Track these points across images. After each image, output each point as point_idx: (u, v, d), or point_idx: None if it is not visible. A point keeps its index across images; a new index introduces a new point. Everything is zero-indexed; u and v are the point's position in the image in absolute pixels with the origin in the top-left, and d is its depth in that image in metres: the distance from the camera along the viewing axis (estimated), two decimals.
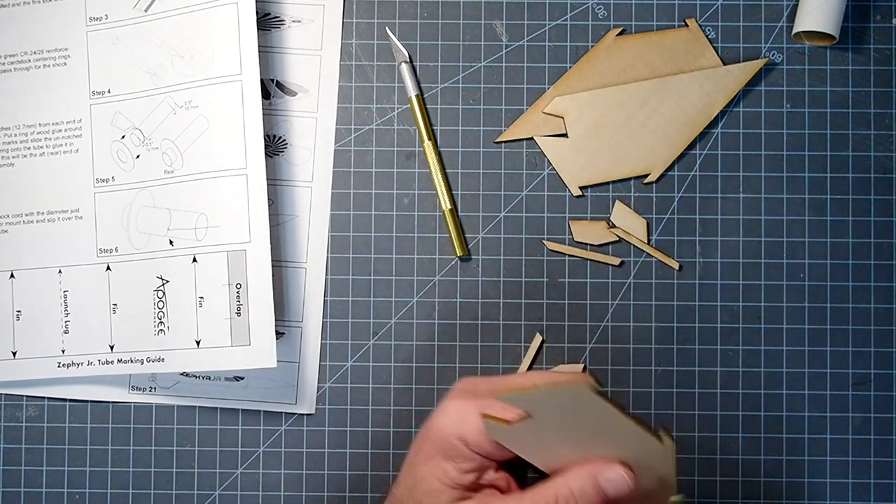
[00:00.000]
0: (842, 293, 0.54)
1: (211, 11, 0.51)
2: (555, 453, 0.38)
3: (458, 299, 0.54)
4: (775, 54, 0.54)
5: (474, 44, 0.54)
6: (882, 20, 0.54)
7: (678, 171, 0.54)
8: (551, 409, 0.37)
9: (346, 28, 0.55)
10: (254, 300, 0.50)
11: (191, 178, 0.51)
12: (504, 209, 0.54)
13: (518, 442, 0.38)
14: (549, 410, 0.37)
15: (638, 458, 0.38)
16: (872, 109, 0.54)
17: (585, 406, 0.36)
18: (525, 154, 0.54)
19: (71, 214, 0.53)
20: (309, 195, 0.54)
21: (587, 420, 0.37)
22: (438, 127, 0.54)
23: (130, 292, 0.52)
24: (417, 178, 0.54)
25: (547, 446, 0.38)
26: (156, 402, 0.54)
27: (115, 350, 0.52)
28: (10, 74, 0.54)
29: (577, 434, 0.38)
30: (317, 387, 0.54)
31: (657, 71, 0.54)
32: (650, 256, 0.54)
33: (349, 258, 0.54)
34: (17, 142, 0.54)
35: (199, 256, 0.51)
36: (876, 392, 0.53)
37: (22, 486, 0.54)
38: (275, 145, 0.54)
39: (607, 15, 0.54)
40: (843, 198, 0.54)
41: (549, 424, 0.37)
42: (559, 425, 0.37)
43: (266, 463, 0.54)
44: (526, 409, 0.37)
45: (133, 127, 0.52)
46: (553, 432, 0.38)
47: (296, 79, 0.54)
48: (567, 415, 0.37)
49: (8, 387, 0.54)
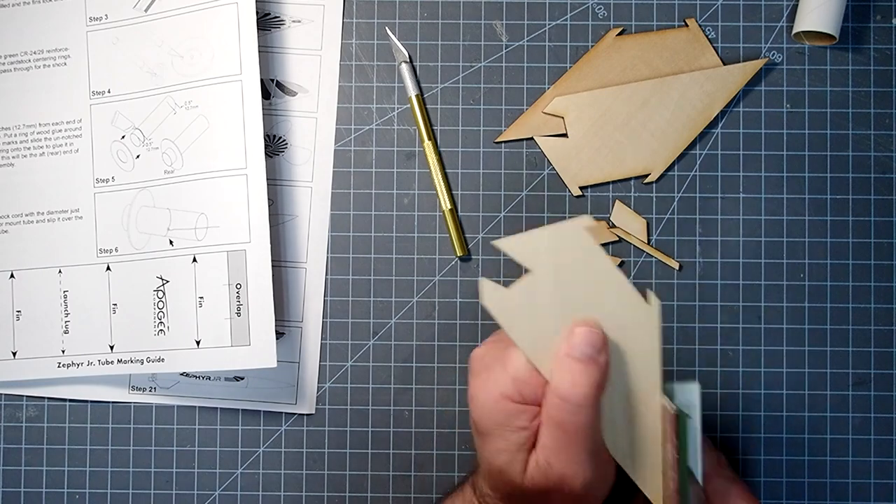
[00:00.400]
0: (842, 293, 0.54)
1: (211, 11, 0.51)
2: (546, 331, 0.38)
3: (458, 299, 0.54)
4: (775, 54, 0.54)
5: (474, 44, 0.54)
6: (882, 20, 0.54)
7: (678, 171, 0.54)
8: (549, 259, 0.37)
9: (346, 28, 0.55)
10: (254, 300, 0.50)
11: (191, 178, 0.51)
12: (504, 209, 0.54)
13: (514, 317, 0.38)
14: (546, 261, 0.37)
15: (623, 318, 0.38)
16: (872, 109, 0.54)
17: (580, 252, 0.37)
18: (525, 154, 0.54)
19: (71, 214, 0.53)
20: (309, 195, 0.54)
21: (579, 270, 0.37)
22: (438, 127, 0.54)
23: (130, 292, 0.52)
24: (417, 178, 0.54)
25: (539, 321, 0.38)
26: (156, 402, 0.54)
27: (115, 350, 0.52)
28: (10, 74, 0.54)
29: (569, 294, 0.38)
30: (317, 387, 0.54)
31: (657, 71, 0.54)
32: (650, 256, 0.54)
33: (349, 258, 0.54)
34: (17, 142, 0.54)
35: (199, 256, 0.51)
36: (876, 392, 0.53)
37: (22, 486, 0.54)
38: (275, 145, 0.54)
39: (607, 15, 0.54)
40: (843, 198, 0.54)
41: (545, 282, 0.37)
42: (554, 283, 0.37)
43: (266, 463, 0.54)
44: (525, 262, 0.37)
45: (133, 127, 0.52)
46: (548, 295, 0.38)
47: (296, 79, 0.54)
48: (562, 268, 0.37)
49: (8, 387, 0.54)
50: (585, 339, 0.37)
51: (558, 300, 0.38)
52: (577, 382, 0.37)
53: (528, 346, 0.38)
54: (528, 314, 0.38)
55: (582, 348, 0.37)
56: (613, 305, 0.38)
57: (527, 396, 0.38)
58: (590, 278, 0.37)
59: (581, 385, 0.37)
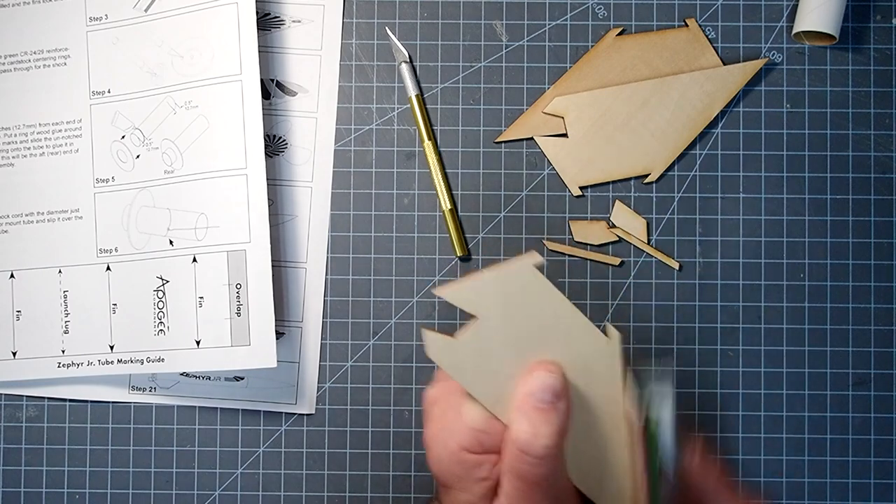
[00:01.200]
0: (842, 293, 0.54)
1: (211, 11, 0.51)
2: (501, 377, 0.36)
3: None
4: (775, 54, 0.54)
5: (474, 44, 0.54)
6: (882, 20, 0.54)
7: (678, 171, 0.54)
8: (497, 303, 0.35)
9: (346, 28, 0.55)
10: (254, 300, 0.50)
11: (191, 178, 0.51)
12: (504, 209, 0.54)
13: (465, 367, 0.36)
14: (494, 305, 0.35)
15: (582, 354, 0.36)
16: (872, 109, 0.54)
17: (531, 292, 0.35)
18: (525, 154, 0.54)
19: (71, 214, 0.53)
20: (309, 195, 0.54)
21: (532, 311, 0.35)
22: (438, 127, 0.54)
23: (130, 292, 0.52)
24: (417, 178, 0.54)
25: (492, 368, 0.36)
26: (156, 402, 0.54)
27: (115, 350, 0.52)
28: (10, 74, 0.54)
29: (523, 336, 0.36)
30: (317, 387, 0.54)
31: (657, 71, 0.54)
32: (650, 256, 0.54)
33: (349, 258, 0.54)
34: (17, 142, 0.54)
35: (199, 256, 0.51)
36: (876, 392, 0.53)
37: (22, 486, 0.54)
38: (275, 145, 0.54)
39: (607, 15, 0.54)
40: (843, 198, 0.54)
41: (495, 327, 0.35)
42: (504, 326, 0.35)
43: (266, 463, 0.54)
44: (471, 309, 0.35)
45: (133, 127, 0.52)
46: (499, 340, 0.36)
47: (296, 79, 0.54)
48: (512, 310, 0.35)
49: (8, 387, 0.54)
50: (543, 385, 0.35)
51: (511, 343, 0.36)
52: (538, 433, 0.34)
53: (483, 395, 0.36)
54: (479, 362, 0.36)
55: (540, 395, 0.35)
56: (571, 343, 0.36)
57: (487, 445, 0.36)
58: (544, 318, 0.35)
59: (542, 435, 0.34)
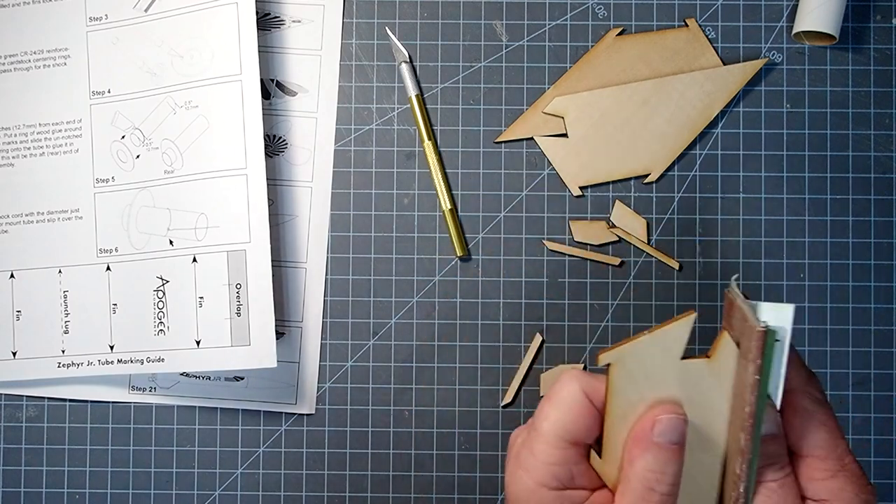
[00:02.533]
0: (842, 293, 0.54)
1: (211, 11, 0.51)
2: (636, 406, 0.35)
3: (458, 299, 0.54)
4: (775, 54, 0.54)
5: (474, 44, 0.54)
6: (882, 20, 0.54)
7: (678, 171, 0.54)
8: (650, 356, 0.34)
9: (346, 28, 0.55)
10: (254, 300, 0.50)
11: (191, 178, 0.51)
12: (504, 209, 0.54)
13: (616, 384, 0.35)
14: (648, 358, 0.34)
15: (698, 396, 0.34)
16: (872, 109, 0.54)
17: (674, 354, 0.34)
18: (525, 154, 0.54)
19: (71, 214, 0.53)
20: (309, 195, 0.54)
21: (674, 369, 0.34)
22: (438, 127, 0.54)
23: (130, 292, 0.52)
24: (417, 178, 0.54)
25: (629, 409, 0.35)
26: (156, 402, 0.54)
27: (115, 350, 0.52)
28: (10, 74, 0.54)
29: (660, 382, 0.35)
30: (317, 387, 0.54)
31: (657, 71, 0.54)
32: (650, 256, 0.54)
33: (349, 258, 0.54)
34: (17, 142, 0.54)
35: (199, 256, 0.51)
36: (876, 392, 0.53)
37: (22, 486, 0.54)
38: (275, 145, 0.54)
39: (607, 15, 0.54)
40: (843, 198, 0.54)
41: (642, 375, 0.34)
42: (649, 375, 0.34)
43: (266, 463, 0.54)
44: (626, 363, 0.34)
45: (133, 127, 0.52)
46: (642, 384, 0.35)
47: (296, 79, 0.54)
48: (658, 362, 0.34)
49: (8, 387, 0.54)
50: (673, 425, 0.34)
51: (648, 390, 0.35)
52: (665, 471, 0.34)
53: (618, 412, 0.35)
54: (639, 375, 0.34)
55: (670, 434, 0.34)
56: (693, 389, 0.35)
57: (563, 480, 0.36)
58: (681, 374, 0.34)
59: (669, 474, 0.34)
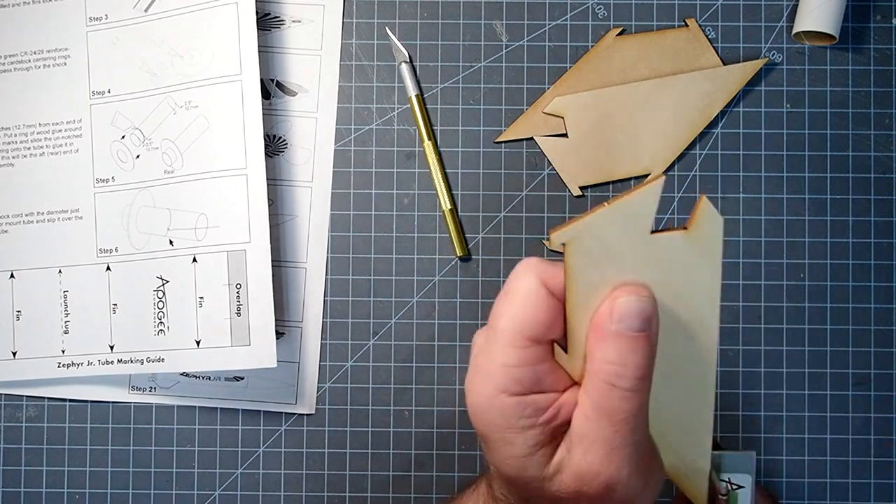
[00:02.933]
0: (842, 293, 0.54)
1: (211, 11, 0.51)
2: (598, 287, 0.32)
3: (458, 299, 0.54)
4: (775, 54, 0.54)
5: (474, 44, 0.54)
6: (882, 20, 0.54)
7: (678, 171, 0.54)
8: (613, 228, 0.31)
9: (346, 28, 0.55)
10: (254, 300, 0.50)
11: (191, 178, 0.51)
12: (504, 209, 0.54)
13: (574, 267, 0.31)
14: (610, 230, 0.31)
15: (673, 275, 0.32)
16: (872, 109, 0.54)
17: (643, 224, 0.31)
18: (525, 154, 0.54)
19: (71, 214, 0.53)
20: (309, 195, 0.54)
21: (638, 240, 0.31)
22: (438, 127, 0.54)
23: (130, 292, 0.52)
24: (417, 178, 0.54)
25: (602, 271, 0.32)
26: (156, 402, 0.54)
27: (115, 350, 0.52)
28: (10, 74, 0.54)
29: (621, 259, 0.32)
30: (317, 387, 0.54)
31: (657, 71, 0.54)
32: None
33: (349, 258, 0.54)
34: (17, 142, 0.54)
35: (199, 256, 0.51)
36: (876, 392, 0.53)
37: (22, 486, 0.54)
38: (275, 145, 0.54)
39: (607, 15, 0.54)
40: (843, 198, 0.54)
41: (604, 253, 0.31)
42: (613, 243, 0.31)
43: (266, 463, 0.54)
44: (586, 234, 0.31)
45: (133, 127, 0.52)
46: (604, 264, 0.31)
47: (296, 79, 0.54)
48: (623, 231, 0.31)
49: (8, 387, 0.54)
50: (632, 309, 0.31)
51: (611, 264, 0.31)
52: (626, 362, 0.31)
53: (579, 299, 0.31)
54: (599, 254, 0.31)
55: (629, 321, 0.31)
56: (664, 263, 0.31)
57: (527, 384, 0.32)
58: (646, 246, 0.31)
59: (632, 366, 0.31)
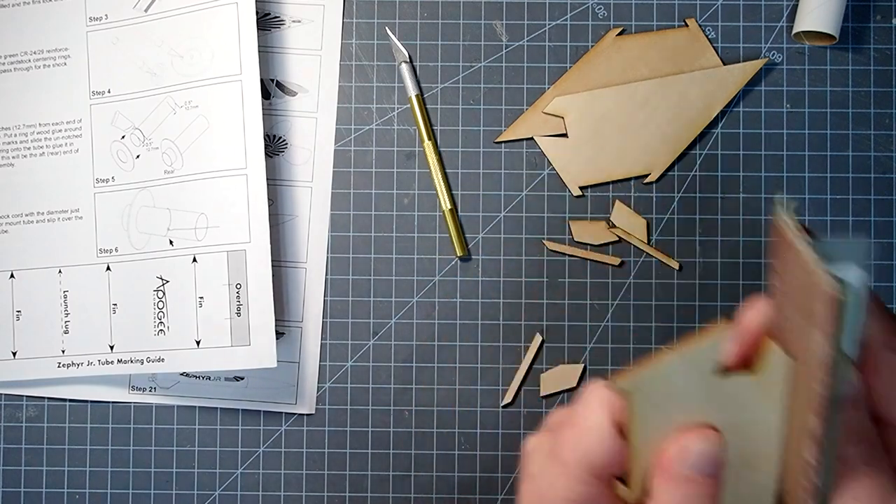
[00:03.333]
0: None
1: (211, 11, 0.51)
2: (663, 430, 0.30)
3: (458, 299, 0.54)
4: (775, 54, 0.54)
5: (474, 44, 0.54)
6: (882, 20, 0.54)
7: (678, 171, 0.54)
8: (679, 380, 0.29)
9: (346, 28, 0.55)
10: (254, 300, 0.50)
11: (191, 178, 0.51)
12: (504, 209, 0.54)
13: (639, 412, 0.30)
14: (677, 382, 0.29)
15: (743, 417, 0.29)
16: (872, 109, 0.54)
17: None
18: (525, 154, 0.54)
19: (71, 214, 0.53)
20: (309, 195, 0.54)
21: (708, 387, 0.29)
22: (438, 127, 0.54)
23: (130, 292, 0.52)
24: (417, 178, 0.54)
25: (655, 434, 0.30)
26: (156, 402, 0.54)
27: (115, 350, 0.52)
28: (10, 74, 0.54)
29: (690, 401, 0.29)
30: (317, 387, 0.54)
31: (657, 71, 0.54)
32: (650, 256, 0.54)
33: (349, 258, 0.54)
34: (17, 142, 0.54)
35: (199, 256, 0.51)
36: None
37: (22, 486, 0.54)
38: (275, 145, 0.54)
39: (607, 15, 0.54)
40: (843, 198, 0.54)
41: (668, 397, 0.29)
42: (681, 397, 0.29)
43: (266, 463, 0.54)
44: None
45: (133, 127, 0.52)
46: (668, 407, 0.30)
47: (296, 79, 0.54)
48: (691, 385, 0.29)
49: (8, 387, 0.54)
50: (700, 451, 0.29)
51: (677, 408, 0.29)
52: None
53: (643, 438, 0.30)
54: (663, 399, 0.29)
55: (696, 464, 0.29)
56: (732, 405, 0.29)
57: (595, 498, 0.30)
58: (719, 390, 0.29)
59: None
